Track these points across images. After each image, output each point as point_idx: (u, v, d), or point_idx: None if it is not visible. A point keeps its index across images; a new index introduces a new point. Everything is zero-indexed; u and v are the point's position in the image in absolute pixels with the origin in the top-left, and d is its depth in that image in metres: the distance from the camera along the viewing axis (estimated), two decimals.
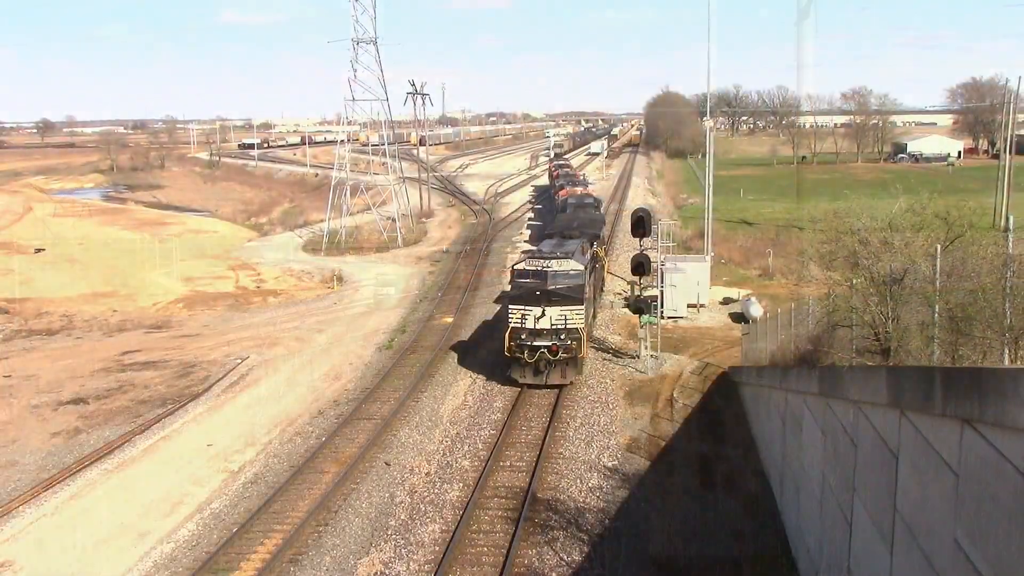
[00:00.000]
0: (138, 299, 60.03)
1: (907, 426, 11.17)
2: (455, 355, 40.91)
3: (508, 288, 38.08)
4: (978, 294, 12.56)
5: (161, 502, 26.68)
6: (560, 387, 33.95)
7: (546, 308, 33.37)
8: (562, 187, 79.70)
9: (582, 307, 33.94)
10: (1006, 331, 11.59)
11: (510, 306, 34.45)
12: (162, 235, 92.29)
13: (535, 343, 33.36)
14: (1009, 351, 11.62)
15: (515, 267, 35.67)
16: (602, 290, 49.14)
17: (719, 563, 21.35)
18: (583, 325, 34.15)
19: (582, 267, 34.77)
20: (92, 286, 64.66)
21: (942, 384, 9.61)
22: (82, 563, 23.13)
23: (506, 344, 34.03)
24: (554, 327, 33.41)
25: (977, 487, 8.72)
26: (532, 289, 33.84)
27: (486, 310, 49.38)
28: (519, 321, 33.73)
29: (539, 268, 34.25)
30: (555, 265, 34.16)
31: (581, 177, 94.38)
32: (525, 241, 73.53)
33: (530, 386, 34.03)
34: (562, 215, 56.43)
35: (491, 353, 38.84)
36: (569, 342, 33.40)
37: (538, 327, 33.43)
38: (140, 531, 24.84)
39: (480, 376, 36.93)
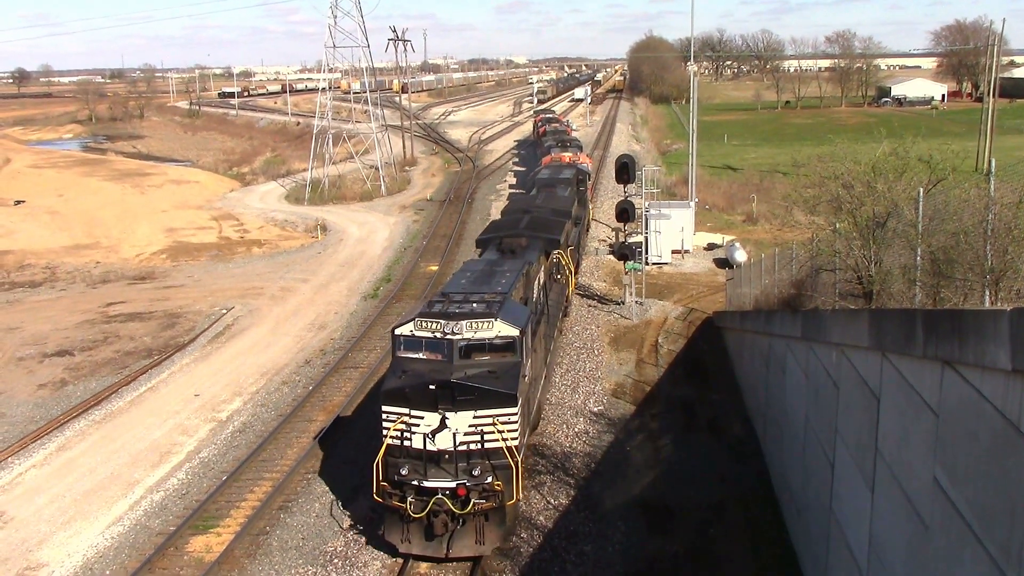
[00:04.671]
0: (121, 250, 59.61)
1: (889, 368, 11.31)
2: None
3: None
4: (960, 237, 12.65)
5: (150, 452, 26.81)
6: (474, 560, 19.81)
7: (448, 415, 18.91)
8: (549, 149, 63.78)
9: (515, 409, 19.35)
10: (987, 273, 11.70)
11: (384, 408, 19.61)
12: (143, 186, 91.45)
13: (427, 482, 19.08)
14: (990, 292, 11.75)
15: (396, 330, 20.50)
16: (567, 313, 35.38)
17: (704, 505, 21.69)
18: (516, 440, 19.58)
19: (517, 331, 20.02)
20: (74, 238, 64.11)
21: (923, 326, 9.71)
22: (73, 512, 23.29)
23: (375, 479, 19.63)
24: (462, 449, 19.20)
25: (957, 427, 8.86)
26: (423, 379, 19.17)
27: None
28: (400, 437, 19.42)
29: (438, 336, 19.78)
30: (468, 329, 19.69)
31: (572, 135, 77.47)
32: (510, 187, 73.26)
33: (419, 559, 19.99)
34: (508, 211, 39.48)
35: None
36: (488, 478, 19.13)
37: (434, 449, 19.16)
38: (129, 480, 24.99)
39: None
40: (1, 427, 29.24)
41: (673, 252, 47.42)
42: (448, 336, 19.68)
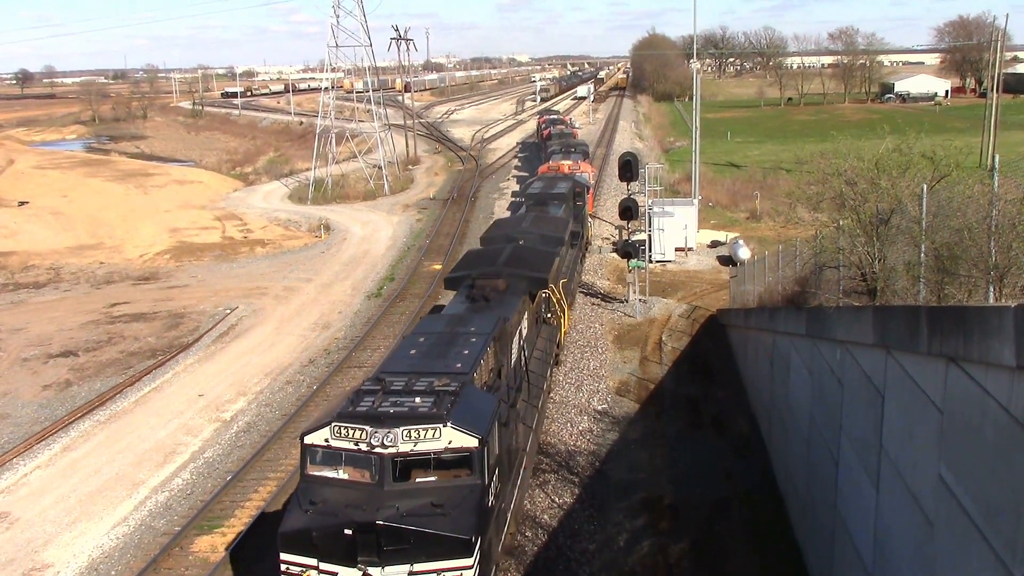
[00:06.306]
0: (125, 251, 59.67)
1: (893, 365, 11.29)
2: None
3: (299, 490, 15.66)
4: (964, 233, 12.63)
5: (154, 452, 26.83)
6: None
7: (373, 571, 13.84)
8: (551, 155, 60.12)
9: (470, 560, 13.85)
10: (991, 269, 11.68)
11: (283, 558, 14.58)
12: (147, 186, 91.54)
13: None
14: (994, 289, 11.73)
15: (305, 438, 14.99)
16: (558, 361, 29.68)
17: (708, 503, 21.67)
18: None
19: (475, 441, 14.52)
20: (78, 238, 64.20)
21: (928, 323, 9.69)
22: (78, 513, 23.32)
23: None
24: None
25: (961, 424, 8.84)
26: (336, 520, 14.03)
27: None
28: None
29: (364, 448, 14.42)
30: (405, 439, 14.30)
31: (578, 139, 73.89)
32: (513, 193, 73.19)
33: None
34: (488, 239, 33.30)
35: None
36: None
37: None
38: (134, 481, 25.01)
39: None
40: (6, 428, 29.29)
41: (676, 250, 47.38)
42: (377, 449, 14.15)
